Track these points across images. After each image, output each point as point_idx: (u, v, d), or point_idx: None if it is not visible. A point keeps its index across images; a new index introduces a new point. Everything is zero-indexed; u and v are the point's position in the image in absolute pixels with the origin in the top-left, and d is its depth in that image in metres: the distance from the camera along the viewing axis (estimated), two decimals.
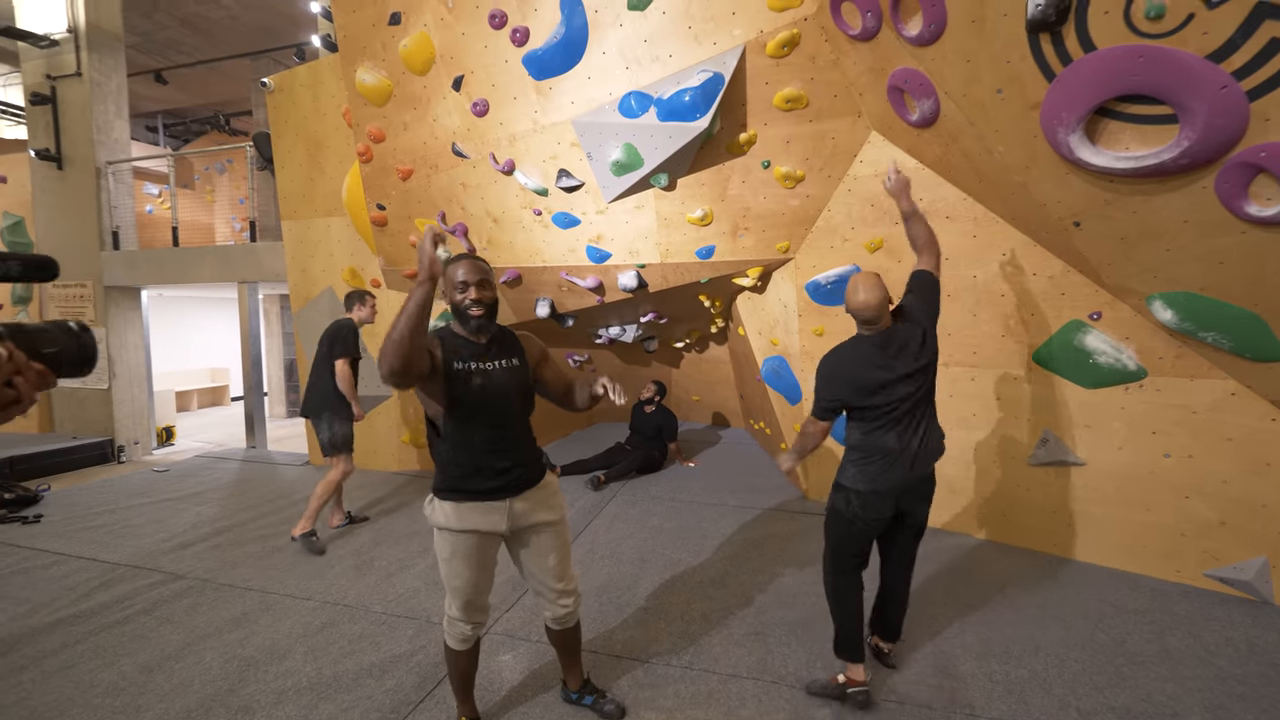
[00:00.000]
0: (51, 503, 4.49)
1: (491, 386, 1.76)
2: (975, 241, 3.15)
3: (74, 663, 2.41)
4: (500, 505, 1.78)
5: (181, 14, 7.47)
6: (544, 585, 1.92)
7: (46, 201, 6.54)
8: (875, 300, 2.06)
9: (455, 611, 1.83)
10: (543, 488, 1.89)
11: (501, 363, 1.80)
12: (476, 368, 1.74)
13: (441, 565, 1.81)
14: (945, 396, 3.40)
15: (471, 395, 1.72)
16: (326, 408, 3.60)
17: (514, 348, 1.86)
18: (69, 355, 0.67)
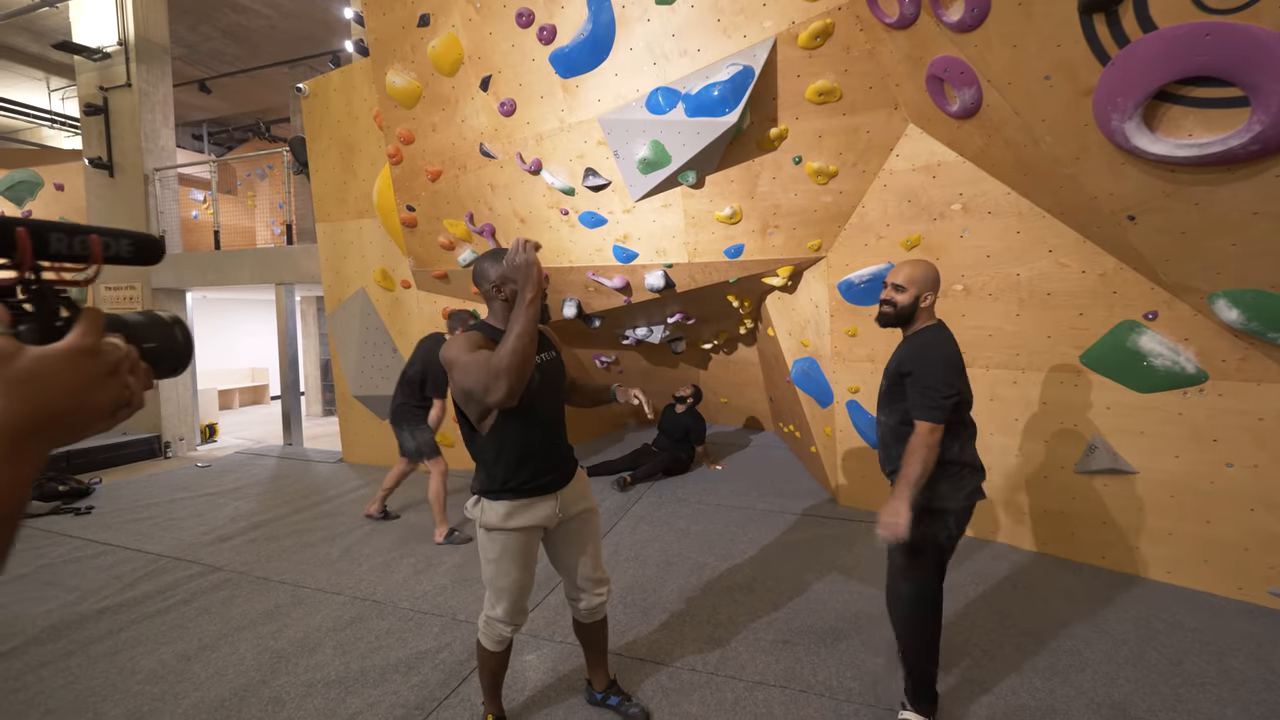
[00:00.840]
0: (102, 495, 4.68)
1: (545, 380, 1.77)
2: (1019, 238, 3.01)
3: (118, 649, 2.49)
4: (552, 499, 1.79)
5: (224, 25, 7.74)
6: (582, 575, 1.90)
7: (99, 207, 6.85)
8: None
9: (499, 613, 1.79)
10: (580, 476, 1.91)
11: (544, 355, 1.80)
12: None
13: (488, 567, 1.77)
14: (986, 400, 3.26)
15: (530, 392, 1.66)
16: (407, 420, 3.67)
17: (548, 340, 1.87)
18: (167, 351, 0.58)
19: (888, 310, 1.93)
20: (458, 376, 1.57)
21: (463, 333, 1.67)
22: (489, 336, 1.67)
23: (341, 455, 5.78)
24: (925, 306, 1.90)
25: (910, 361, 1.84)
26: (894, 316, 1.92)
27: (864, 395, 3.76)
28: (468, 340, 1.60)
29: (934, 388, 1.77)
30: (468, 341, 1.60)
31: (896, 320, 1.93)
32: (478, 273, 1.73)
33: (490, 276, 1.70)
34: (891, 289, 1.92)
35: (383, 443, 5.39)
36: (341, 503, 4.40)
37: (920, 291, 1.88)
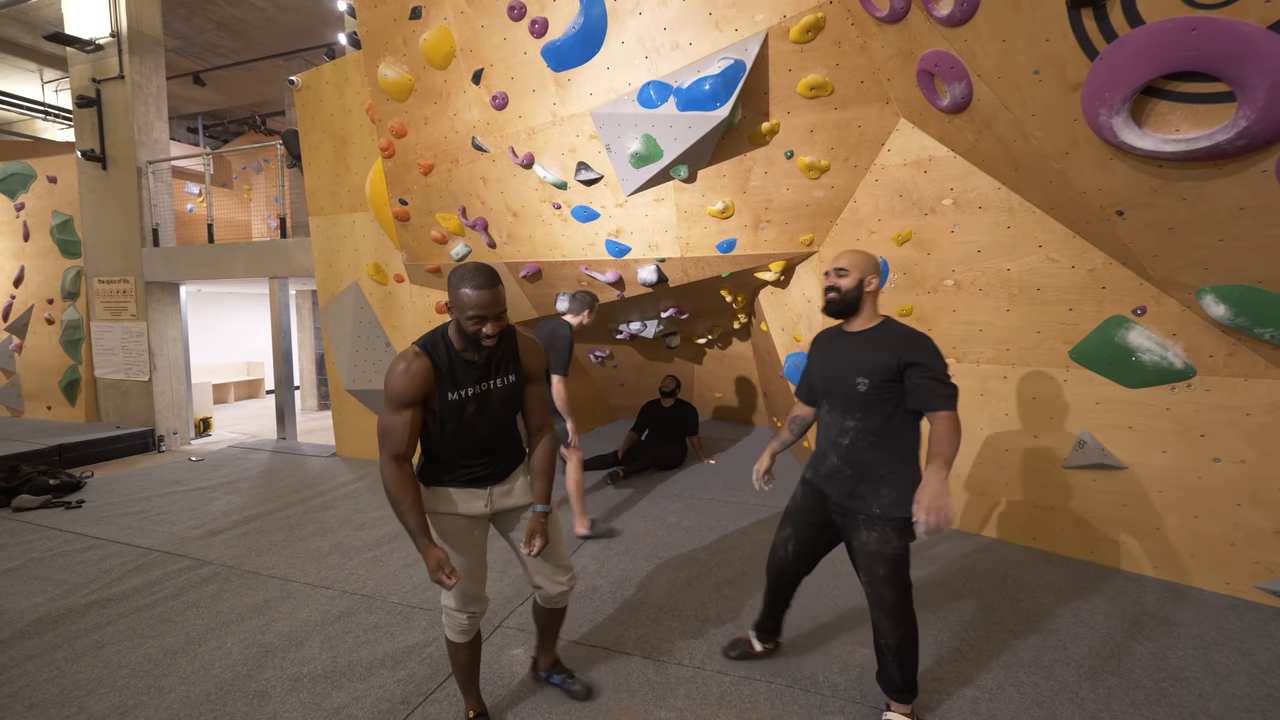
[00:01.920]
0: (93, 489, 4.67)
1: (486, 411, 1.72)
2: (1009, 233, 3.01)
3: (104, 643, 2.49)
4: (482, 492, 1.80)
5: (218, 17, 7.69)
6: (538, 565, 1.91)
7: (92, 200, 6.82)
8: None
9: (452, 601, 1.81)
10: (519, 475, 1.87)
11: (499, 382, 1.73)
12: (472, 393, 1.68)
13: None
14: (976, 395, 3.26)
15: (464, 421, 1.69)
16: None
17: (513, 359, 1.76)
18: None
19: (833, 296, 1.83)
20: (381, 414, 1.66)
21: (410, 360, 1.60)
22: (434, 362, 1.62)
23: (335, 449, 5.77)
24: (870, 291, 1.83)
25: (913, 353, 1.73)
26: (839, 302, 1.83)
27: None
28: (398, 395, 1.60)
29: (946, 376, 1.73)
30: (397, 398, 1.60)
31: (842, 306, 1.84)
32: (448, 283, 1.63)
33: (449, 296, 1.61)
34: (834, 274, 1.84)
35: (375, 436, 5.38)
36: (333, 497, 4.40)
37: (863, 275, 1.82)
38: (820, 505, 1.96)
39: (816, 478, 1.97)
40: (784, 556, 2.10)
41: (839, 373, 1.84)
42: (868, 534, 1.79)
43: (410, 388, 1.60)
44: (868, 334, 1.84)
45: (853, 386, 1.78)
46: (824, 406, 1.93)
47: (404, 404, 1.61)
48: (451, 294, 1.60)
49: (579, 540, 3.47)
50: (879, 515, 1.77)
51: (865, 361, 1.79)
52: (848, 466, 1.83)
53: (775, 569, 2.15)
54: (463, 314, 1.57)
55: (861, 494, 1.80)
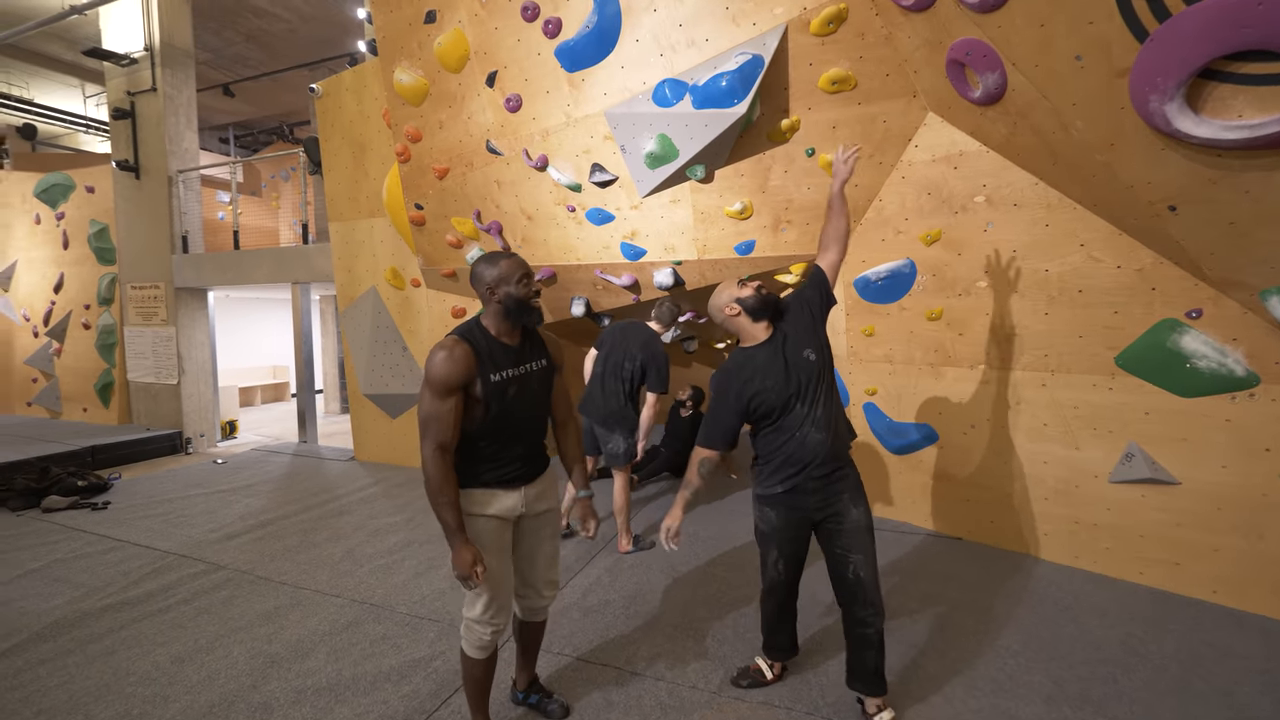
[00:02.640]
0: (120, 490, 4.76)
1: (525, 394, 1.75)
2: (1048, 231, 2.83)
3: (115, 649, 2.48)
4: (516, 492, 1.78)
5: (246, 30, 7.87)
6: (535, 575, 1.89)
7: (126, 209, 7.02)
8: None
9: (477, 613, 1.73)
10: (548, 476, 1.89)
11: (534, 365, 1.78)
12: (512, 375, 1.71)
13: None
14: (1011, 403, 3.08)
15: (506, 406, 1.70)
16: (620, 424, 3.28)
17: (542, 347, 1.84)
18: None
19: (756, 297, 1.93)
20: (422, 404, 1.64)
21: (451, 346, 1.63)
22: (474, 348, 1.65)
23: (353, 453, 5.79)
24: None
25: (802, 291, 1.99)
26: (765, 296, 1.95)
27: (882, 397, 3.59)
28: (442, 381, 1.60)
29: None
30: (441, 384, 1.60)
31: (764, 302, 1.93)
32: (474, 275, 1.72)
33: (485, 279, 1.69)
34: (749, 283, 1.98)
35: (393, 441, 5.39)
36: (349, 501, 4.39)
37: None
38: (798, 515, 1.92)
39: (801, 476, 1.87)
40: (776, 577, 2.05)
41: (788, 365, 1.88)
42: (856, 510, 1.88)
43: (455, 372, 1.60)
44: (776, 333, 1.94)
45: (806, 362, 1.88)
46: (793, 408, 1.88)
47: (448, 389, 1.60)
48: (487, 275, 1.68)
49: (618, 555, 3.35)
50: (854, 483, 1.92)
51: (798, 342, 1.89)
52: (827, 432, 1.86)
53: (771, 593, 2.10)
54: (511, 283, 1.67)
55: (839, 450, 1.89)
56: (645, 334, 3.34)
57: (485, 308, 1.73)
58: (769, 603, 2.11)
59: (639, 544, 3.40)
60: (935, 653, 2.34)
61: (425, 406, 1.62)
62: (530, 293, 1.69)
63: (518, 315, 1.70)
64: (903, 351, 3.46)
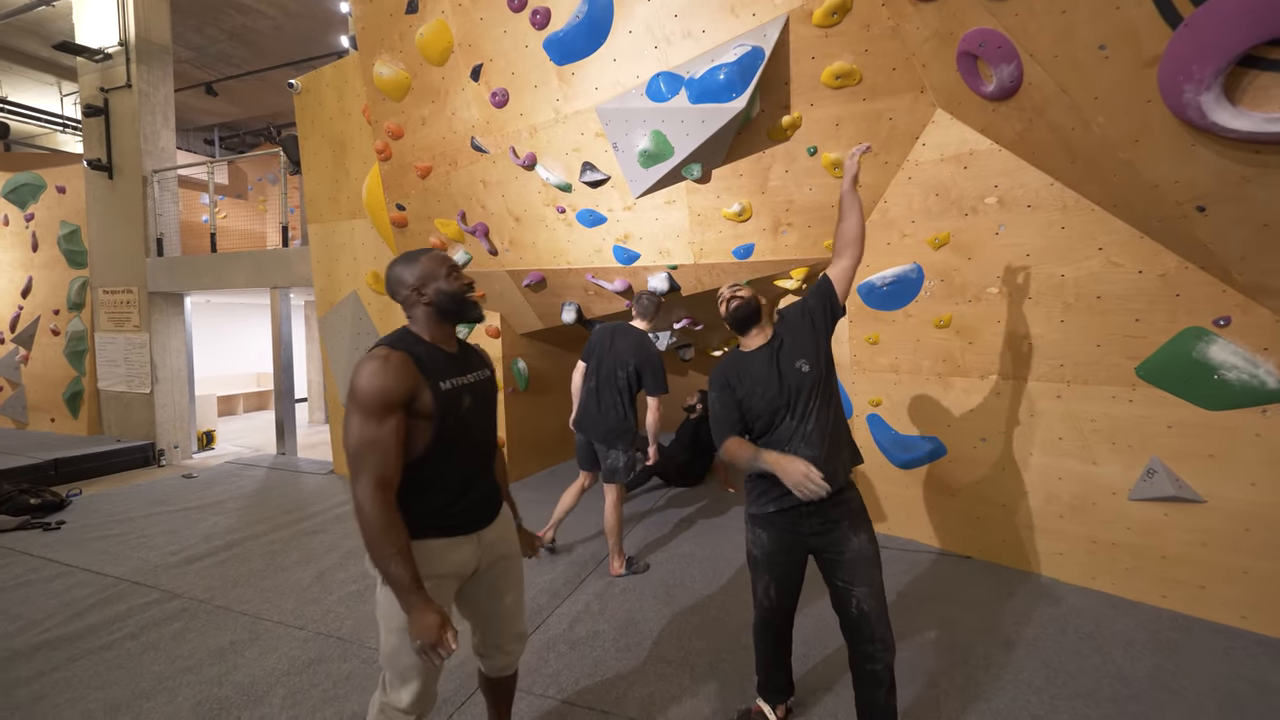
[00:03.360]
0: (78, 508, 4.48)
1: (481, 406, 1.50)
2: (1064, 234, 2.67)
3: (44, 694, 2.23)
4: (470, 539, 1.48)
5: (230, 27, 7.66)
6: (498, 633, 1.59)
7: (98, 210, 6.75)
8: None
9: (403, 700, 1.39)
10: (504, 513, 1.62)
11: (479, 374, 1.53)
12: (462, 384, 1.45)
13: (390, 638, 1.38)
14: (1025, 416, 2.91)
15: (462, 420, 1.42)
16: (621, 437, 3.07)
17: (479, 357, 1.60)
18: None
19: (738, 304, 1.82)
20: (350, 432, 1.29)
21: (384, 355, 1.32)
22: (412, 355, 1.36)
23: (332, 466, 5.54)
24: (765, 305, 1.88)
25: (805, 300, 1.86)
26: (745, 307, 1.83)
27: (887, 408, 3.42)
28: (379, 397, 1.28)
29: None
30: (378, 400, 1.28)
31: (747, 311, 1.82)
32: (390, 281, 1.46)
33: (407, 281, 1.44)
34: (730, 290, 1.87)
35: None
36: (324, 519, 4.14)
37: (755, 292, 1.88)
38: (790, 538, 1.77)
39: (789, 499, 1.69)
40: (769, 605, 1.86)
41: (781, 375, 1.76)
42: (857, 538, 1.71)
43: (394, 385, 1.29)
44: (773, 339, 1.82)
45: (798, 373, 1.74)
46: (781, 419, 1.75)
47: (387, 407, 1.28)
48: (409, 276, 1.44)
49: (595, 567, 3.18)
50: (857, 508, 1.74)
51: (793, 351, 1.76)
52: (817, 448, 1.70)
53: (763, 622, 1.91)
54: (439, 278, 1.44)
55: (835, 470, 1.70)
56: (634, 335, 3.12)
57: (411, 314, 1.46)
58: (763, 636, 1.92)
59: (632, 566, 3.19)
60: (953, 688, 2.15)
61: (356, 433, 1.27)
62: (464, 285, 1.46)
63: (455, 313, 1.45)
64: (909, 360, 3.29)
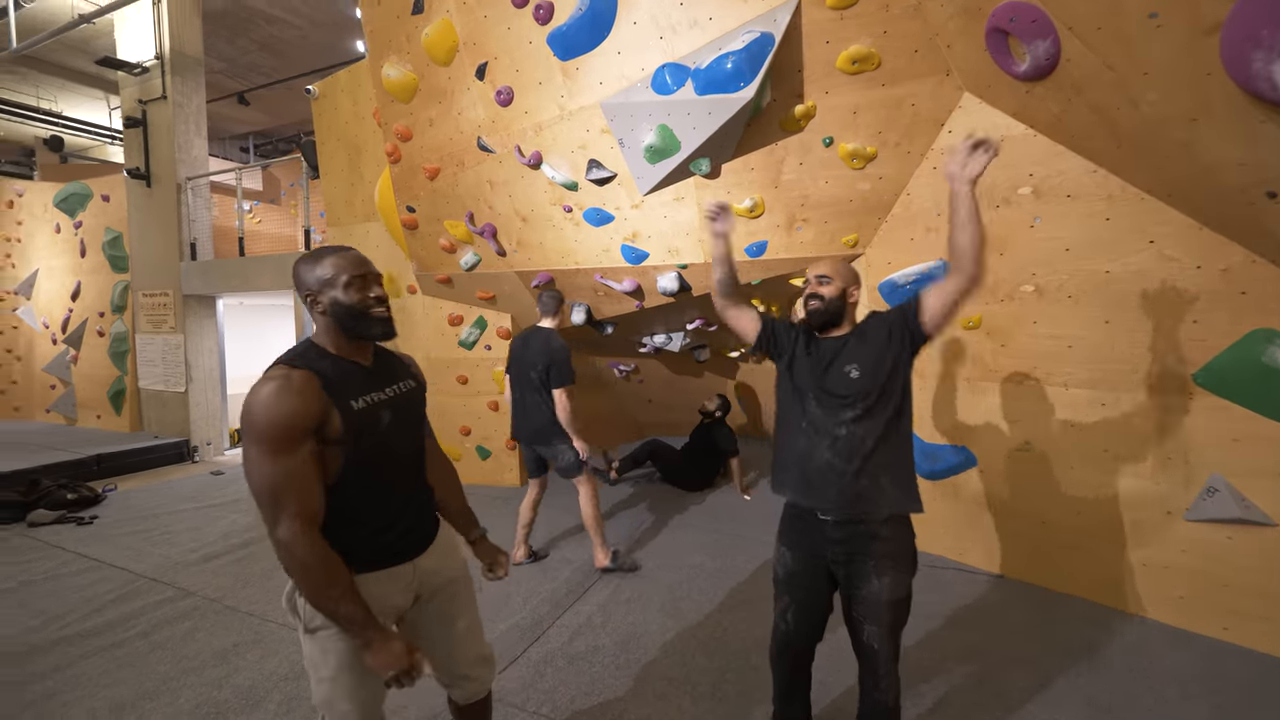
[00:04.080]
0: (111, 504, 4.63)
1: (402, 422, 1.34)
2: (1109, 226, 2.43)
3: (55, 691, 2.26)
4: (404, 570, 1.33)
5: (259, 37, 7.86)
6: (457, 661, 1.46)
7: (138, 217, 7.01)
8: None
9: None
10: (443, 534, 1.46)
11: (401, 386, 1.38)
12: (378, 400, 1.29)
13: (320, 688, 1.27)
14: (1064, 427, 2.68)
15: (381, 440, 1.27)
16: (556, 434, 3.12)
17: (403, 366, 1.44)
18: None
19: (816, 305, 1.66)
20: (253, 470, 1.14)
21: (283, 375, 1.17)
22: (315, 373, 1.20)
23: None
24: (851, 303, 1.69)
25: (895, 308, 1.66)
26: (824, 310, 1.65)
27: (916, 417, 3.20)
28: (283, 426, 1.13)
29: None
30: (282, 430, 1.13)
31: (825, 316, 1.66)
32: (295, 276, 1.29)
33: (306, 283, 1.26)
34: (815, 282, 1.67)
35: None
36: None
37: (845, 284, 1.67)
38: (814, 561, 1.64)
39: (802, 494, 1.63)
40: (786, 630, 1.71)
41: (829, 365, 1.63)
42: (879, 581, 1.56)
43: (299, 410, 1.14)
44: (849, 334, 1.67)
45: (844, 376, 1.59)
46: (809, 403, 1.63)
47: (294, 436, 1.14)
48: (310, 276, 1.26)
49: (598, 573, 3.10)
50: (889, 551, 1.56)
51: (852, 353, 1.61)
52: (845, 461, 1.56)
53: (780, 647, 1.75)
54: (339, 286, 1.25)
55: (863, 493, 1.54)
56: (542, 335, 3.16)
57: (315, 322, 1.29)
58: (778, 663, 1.78)
59: (617, 560, 3.15)
60: None
61: (264, 470, 1.12)
62: (367, 299, 1.26)
63: (353, 329, 1.27)
64: (935, 364, 3.08)
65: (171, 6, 6.56)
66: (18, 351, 8.31)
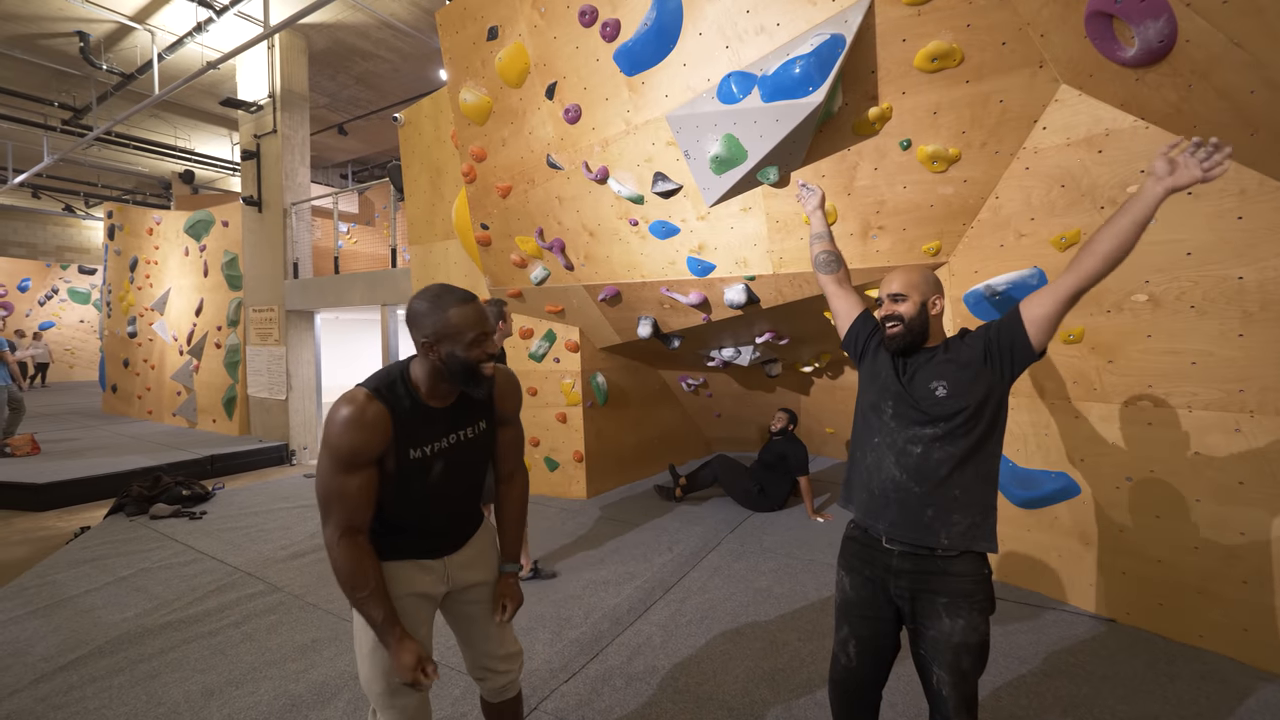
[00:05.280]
0: (220, 500, 5.09)
1: (455, 470, 1.41)
2: (1242, 227, 2.13)
3: (159, 672, 2.47)
4: (433, 564, 1.44)
5: (357, 72, 8.56)
6: (486, 653, 1.54)
7: (251, 240, 7.77)
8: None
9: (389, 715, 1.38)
10: (481, 535, 1.55)
11: (469, 431, 1.42)
12: (438, 449, 1.36)
13: (363, 667, 1.38)
14: (1187, 454, 2.35)
15: (429, 482, 1.37)
16: None
17: (483, 405, 1.46)
18: None
19: (897, 329, 1.51)
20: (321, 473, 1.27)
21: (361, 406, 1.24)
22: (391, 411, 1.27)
23: None
24: (935, 314, 1.53)
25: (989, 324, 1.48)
26: (905, 333, 1.50)
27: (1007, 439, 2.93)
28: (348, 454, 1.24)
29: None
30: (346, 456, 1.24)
31: (908, 338, 1.51)
32: (410, 314, 1.31)
33: (424, 326, 1.28)
34: (890, 301, 1.53)
35: None
36: None
37: (924, 297, 1.52)
38: (873, 592, 1.52)
39: (865, 513, 1.53)
40: (847, 664, 1.57)
41: (911, 378, 1.50)
42: (952, 622, 1.40)
43: (364, 443, 1.25)
44: (939, 347, 1.52)
45: (930, 392, 1.45)
46: (885, 413, 1.52)
47: (355, 463, 1.25)
48: (430, 321, 1.27)
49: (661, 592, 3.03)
50: (963, 590, 1.40)
51: (937, 370, 1.47)
52: (914, 481, 1.44)
53: (840, 684, 1.60)
54: (458, 343, 1.27)
55: (929, 521, 1.42)
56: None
57: (419, 356, 1.33)
58: (837, 700, 1.63)
59: (538, 571, 3.26)
60: None
61: (325, 479, 1.25)
62: (484, 356, 1.29)
63: (462, 383, 1.31)
64: (1029, 382, 2.81)
65: (283, 49, 7.28)
66: (152, 361, 9.41)
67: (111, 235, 9.97)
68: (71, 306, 16.11)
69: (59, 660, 2.56)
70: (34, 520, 5.06)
